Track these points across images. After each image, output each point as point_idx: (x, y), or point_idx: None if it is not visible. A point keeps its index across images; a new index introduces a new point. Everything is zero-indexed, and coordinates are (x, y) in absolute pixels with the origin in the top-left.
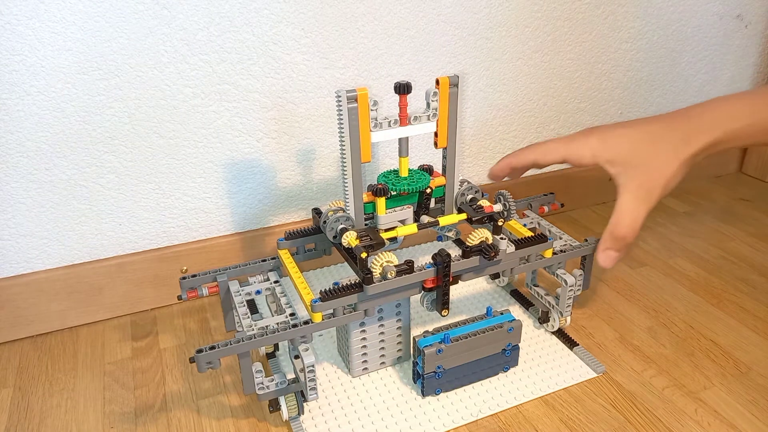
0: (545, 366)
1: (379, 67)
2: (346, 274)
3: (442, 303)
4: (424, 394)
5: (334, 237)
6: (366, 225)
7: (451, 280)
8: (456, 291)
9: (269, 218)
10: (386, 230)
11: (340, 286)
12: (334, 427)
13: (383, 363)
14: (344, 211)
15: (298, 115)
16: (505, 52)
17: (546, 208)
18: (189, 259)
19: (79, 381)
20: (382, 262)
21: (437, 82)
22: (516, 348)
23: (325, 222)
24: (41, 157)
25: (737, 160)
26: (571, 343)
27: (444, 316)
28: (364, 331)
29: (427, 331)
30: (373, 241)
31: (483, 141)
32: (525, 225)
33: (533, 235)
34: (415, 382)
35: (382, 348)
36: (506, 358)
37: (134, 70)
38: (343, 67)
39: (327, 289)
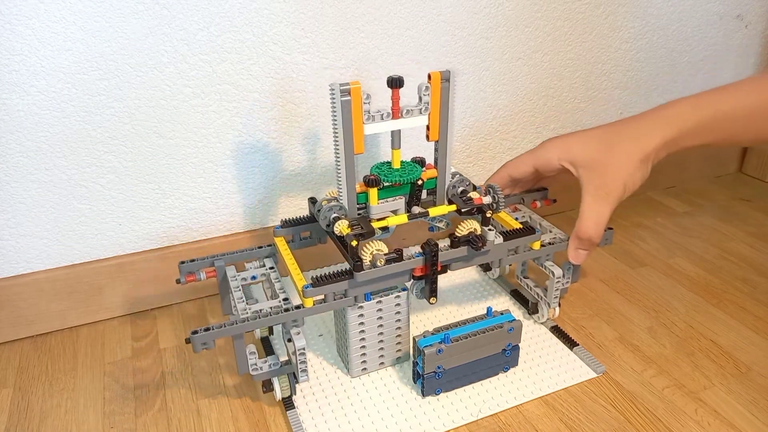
0: (545, 366)
1: (379, 67)
2: None
3: (430, 291)
4: (424, 394)
5: (327, 225)
6: (359, 214)
7: (439, 269)
8: (456, 291)
9: (269, 218)
10: (378, 220)
11: (331, 272)
12: (334, 427)
13: (382, 363)
14: (338, 200)
15: (298, 115)
16: (505, 52)
17: (538, 203)
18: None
19: (79, 381)
20: (372, 250)
21: (429, 76)
22: (516, 348)
23: (319, 210)
24: (41, 157)
25: (737, 160)
26: (571, 343)
27: (432, 303)
28: (363, 331)
29: (427, 331)
30: (364, 230)
31: (483, 141)
32: (517, 219)
33: (522, 227)
34: (415, 382)
35: (381, 348)
36: (506, 358)
37: (134, 70)
38: (343, 67)
39: (318, 275)
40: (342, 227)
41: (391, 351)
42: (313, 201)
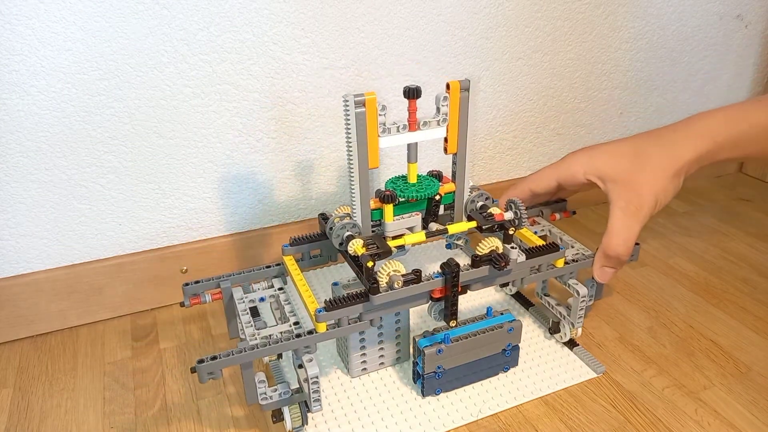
0: (545, 366)
1: (379, 67)
2: (346, 275)
3: (450, 313)
4: (424, 394)
5: (340, 244)
6: (373, 232)
7: (459, 290)
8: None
9: (270, 218)
10: (394, 238)
11: (345, 295)
12: (334, 427)
13: (382, 363)
14: (351, 217)
15: (298, 115)
16: (505, 52)
17: (557, 216)
18: (189, 259)
19: (79, 381)
20: (388, 271)
21: (447, 86)
22: (516, 348)
23: (331, 228)
24: (41, 157)
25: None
26: (571, 343)
27: (452, 327)
28: (363, 331)
29: (427, 331)
30: (380, 250)
31: (483, 141)
32: (536, 232)
33: (545, 244)
34: (415, 382)
35: (381, 348)
36: (506, 358)
37: (134, 70)
38: (343, 67)
39: (332, 298)
40: (357, 247)
41: (390, 351)
42: (324, 218)
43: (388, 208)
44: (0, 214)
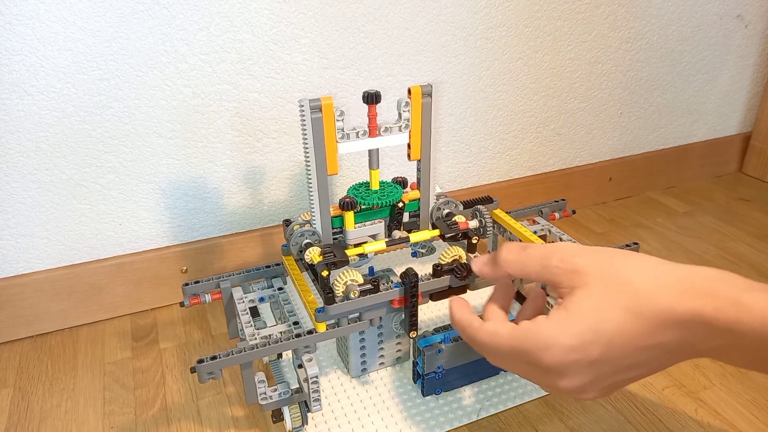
0: None
1: (379, 67)
2: None
3: (410, 324)
4: (424, 394)
5: (299, 252)
6: (335, 240)
7: (420, 300)
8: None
9: (270, 218)
10: (355, 245)
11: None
12: (334, 427)
13: (382, 363)
14: (311, 224)
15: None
16: (505, 52)
17: (557, 215)
18: (189, 259)
19: (79, 381)
20: (345, 280)
21: (409, 91)
22: None
23: (290, 235)
24: (41, 157)
25: (737, 160)
26: None
27: (413, 338)
28: (363, 331)
29: (427, 331)
30: (337, 258)
31: (483, 141)
32: (536, 232)
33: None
34: (415, 382)
35: (381, 348)
36: None
37: (134, 70)
38: (343, 67)
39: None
40: (313, 255)
41: (391, 351)
42: (287, 223)
43: (349, 216)
44: (0, 214)
